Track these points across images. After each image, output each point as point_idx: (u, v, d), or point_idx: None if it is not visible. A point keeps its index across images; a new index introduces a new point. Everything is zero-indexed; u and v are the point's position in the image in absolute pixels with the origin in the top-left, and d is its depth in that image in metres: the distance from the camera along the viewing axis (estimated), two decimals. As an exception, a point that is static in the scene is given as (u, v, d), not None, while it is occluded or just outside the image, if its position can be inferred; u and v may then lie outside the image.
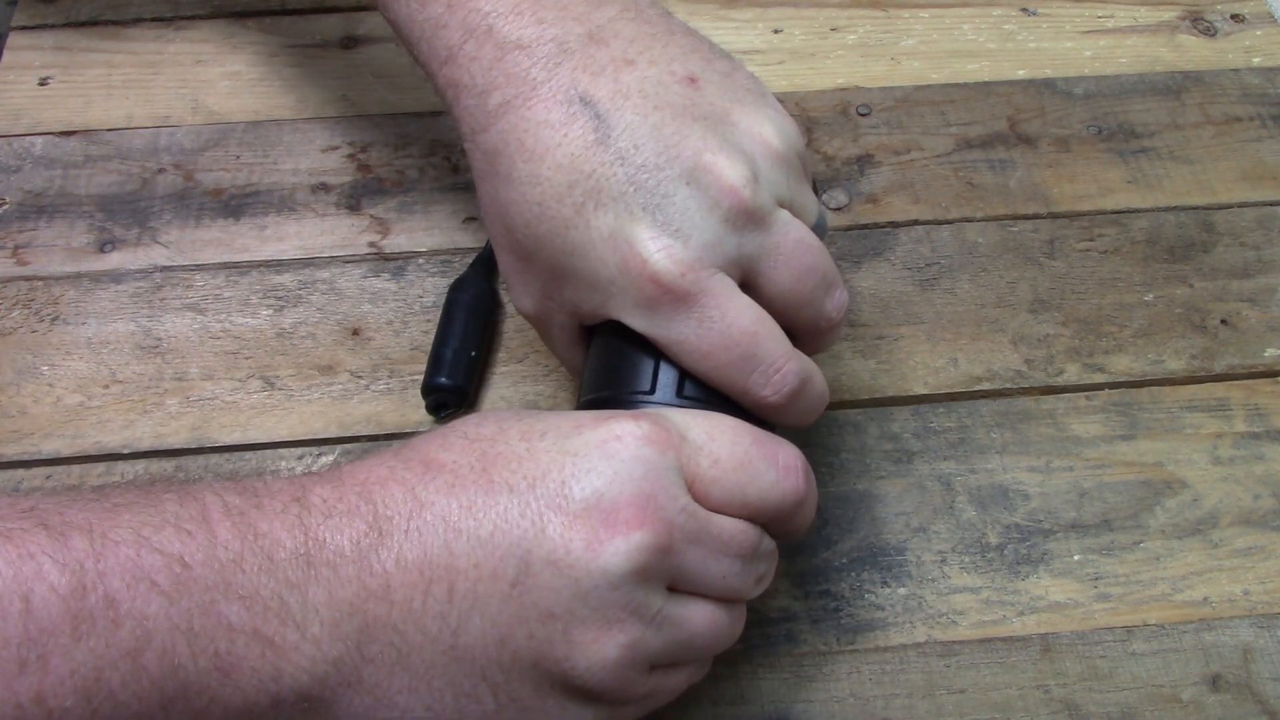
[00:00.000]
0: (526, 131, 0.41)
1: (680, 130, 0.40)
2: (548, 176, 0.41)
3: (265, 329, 0.55)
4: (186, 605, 0.33)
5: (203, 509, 0.35)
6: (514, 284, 0.45)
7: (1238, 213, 0.60)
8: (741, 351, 0.40)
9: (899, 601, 0.48)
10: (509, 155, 0.41)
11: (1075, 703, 0.46)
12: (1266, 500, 0.51)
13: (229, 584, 0.33)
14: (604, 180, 0.40)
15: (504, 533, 0.35)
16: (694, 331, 0.40)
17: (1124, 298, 0.57)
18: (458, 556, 0.35)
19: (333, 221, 0.59)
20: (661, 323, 0.40)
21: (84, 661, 0.31)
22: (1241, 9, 0.69)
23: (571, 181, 0.40)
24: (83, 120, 0.62)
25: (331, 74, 0.65)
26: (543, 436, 0.37)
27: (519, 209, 0.41)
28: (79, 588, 0.32)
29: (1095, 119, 0.64)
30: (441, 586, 0.35)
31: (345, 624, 0.34)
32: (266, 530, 0.34)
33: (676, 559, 0.37)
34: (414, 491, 0.36)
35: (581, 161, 0.40)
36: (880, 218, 0.60)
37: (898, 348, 0.55)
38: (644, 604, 0.36)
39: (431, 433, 0.39)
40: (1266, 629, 0.48)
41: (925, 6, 0.69)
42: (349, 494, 0.36)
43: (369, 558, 0.35)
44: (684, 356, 0.40)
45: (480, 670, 0.36)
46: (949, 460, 0.52)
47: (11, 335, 0.55)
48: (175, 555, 0.33)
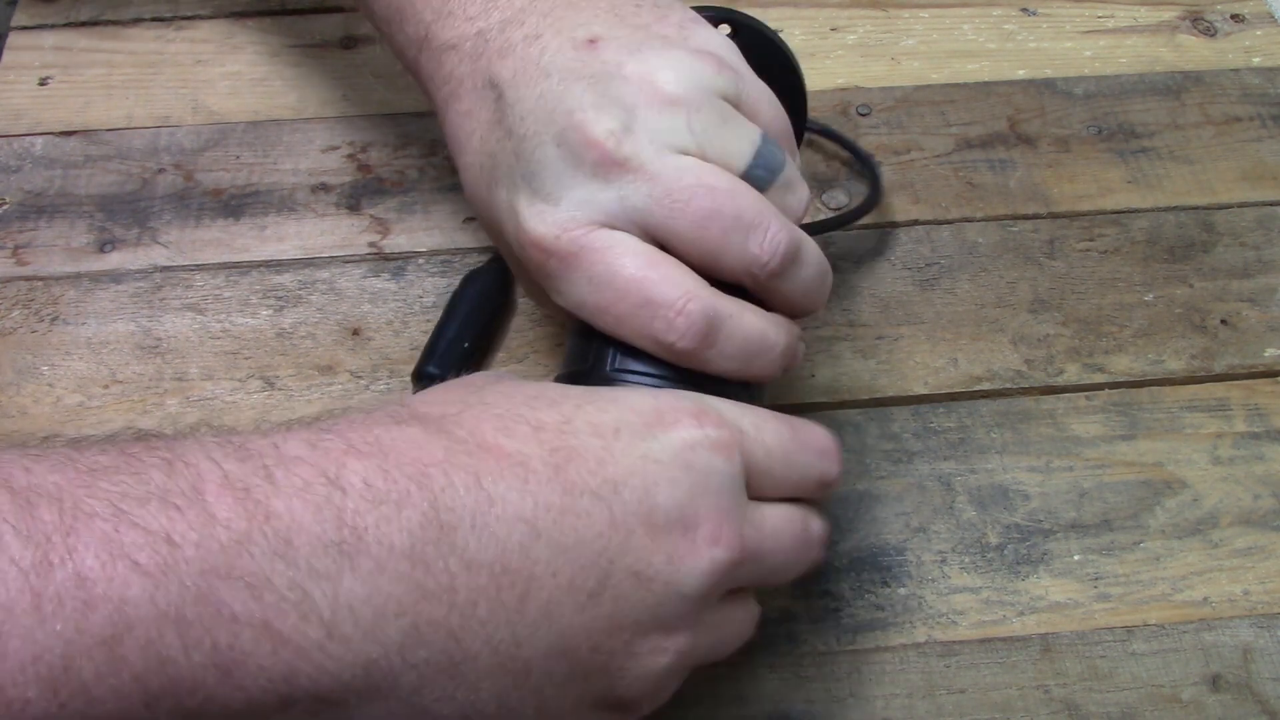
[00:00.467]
0: (457, 126, 0.43)
1: (561, 94, 0.40)
2: (470, 163, 0.43)
3: (265, 329, 0.55)
4: (175, 590, 0.28)
5: (196, 480, 0.30)
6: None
7: (1238, 213, 0.60)
8: (634, 299, 0.38)
9: (899, 601, 0.48)
10: (454, 150, 0.44)
11: (1075, 703, 0.46)
12: (1266, 500, 0.51)
13: (231, 569, 0.29)
14: (500, 158, 0.41)
15: (588, 542, 0.33)
16: (586, 290, 0.39)
17: (1124, 298, 0.57)
18: (536, 562, 0.32)
19: (333, 221, 0.59)
20: (561, 289, 0.40)
21: (49, 647, 0.27)
22: (1241, 9, 0.69)
23: (482, 165, 0.42)
24: (83, 120, 0.62)
25: (331, 74, 0.65)
26: (616, 435, 0.35)
27: (466, 188, 0.44)
28: (44, 563, 0.28)
29: (1095, 119, 0.64)
30: (513, 594, 0.32)
31: (389, 626, 0.30)
32: (283, 510, 0.30)
33: (744, 570, 0.37)
34: (480, 482, 0.32)
35: (487, 144, 0.42)
36: (880, 218, 0.60)
37: (898, 348, 0.55)
38: (703, 613, 0.36)
39: (474, 407, 0.35)
40: (1266, 629, 0.48)
41: (925, 6, 0.69)
42: (399, 477, 0.32)
43: (428, 554, 0.31)
44: (591, 318, 0.40)
45: (534, 683, 0.33)
46: (949, 460, 0.52)
47: (11, 335, 0.55)
48: (160, 532, 0.29)
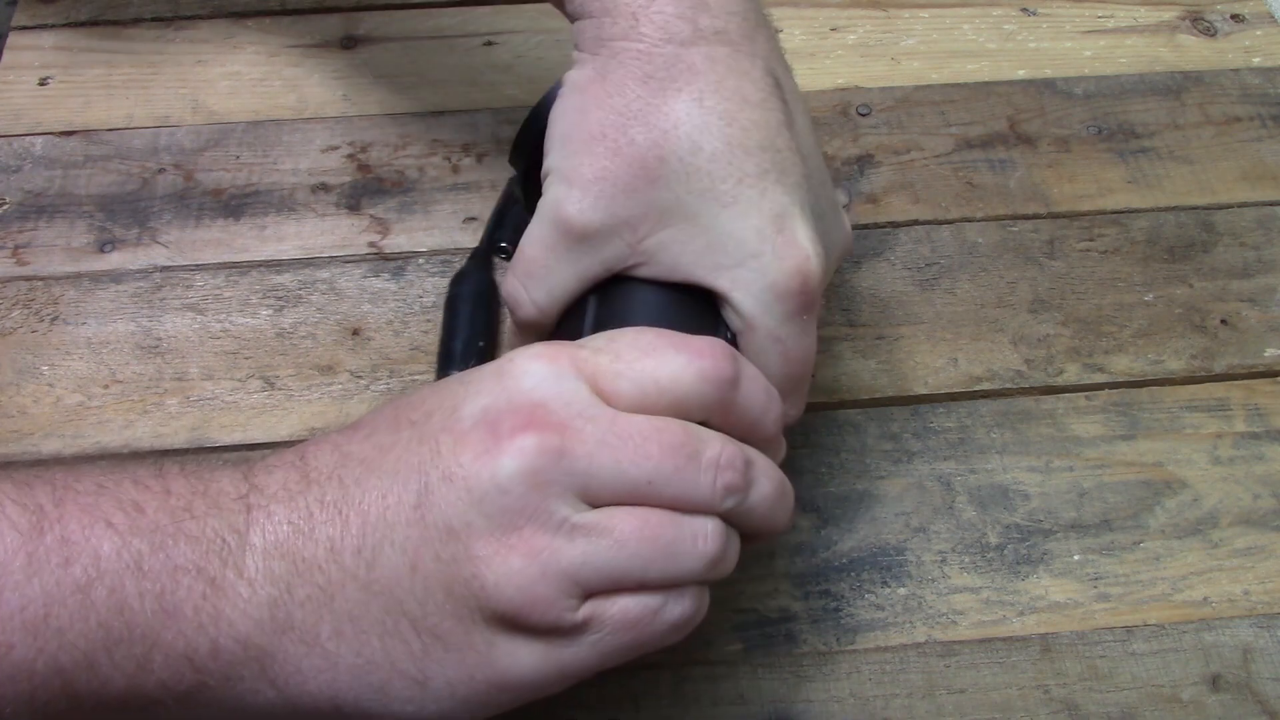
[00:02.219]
0: (731, 72, 0.41)
1: (821, 165, 0.44)
2: (746, 126, 0.41)
3: (265, 329, 0.55)
4: (137, 544, 0.34)
5: (160, 468, 0.36)
6: (600, 191, 0.41)
7: (1238, 213, 0.60)
8: (805, 372, 0.42)
9: (899, 601, 0.48)
10: (710, 81, 0.41)
11: (1075, 703, 0.46)
12: (1266, 500, 0.51)
13: (179, 526, 0.34)
14: (788, 164, 0.41)
15: (404, 461, 0.36)
16: (796, 337, 0.41)
17: (1124, 298, 0.57)
18: (368, 490, 0.36)
19: (333, 221, 0.59)
20: (779, 314, 0.41)
21: (34, 598, 0.32)
22: (1241, 9, 0.69)
23: (764, 145, 0.41)
24: (83, 120, 0.62)
25: (331, 74, 0.65)
26: (449, 380, 0.38)
27: (697, 133, 0.40)
28: (36, 527, 0.33)
29: (1095, 119, 0.64)
30: (356, 519, 0.35)
31: (277, 565, 0.35)
32: (214, 481, 0.36)
33: (579, 462, 0.35)
34: (339, 446, 0.37)
35: (775, 135, 0.41)
36: (880, 218, 0.60)
37: (898, 348, 0.55)
38: (543, 509, 0.34)
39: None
40: (1266, 629, 0.48)
41: (925, 6, 0.69)
42: (287, 454, 0.38)
43: (297, 499, 0.36)
44: (773, 353, 0.41)
45: (399, 604, 0.35)
46: (949, 460, 0.52)
47: (11, 335, 0.55)
48: (131, 501, 0.34)
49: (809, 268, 0.40)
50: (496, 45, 0.67)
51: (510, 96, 0.64)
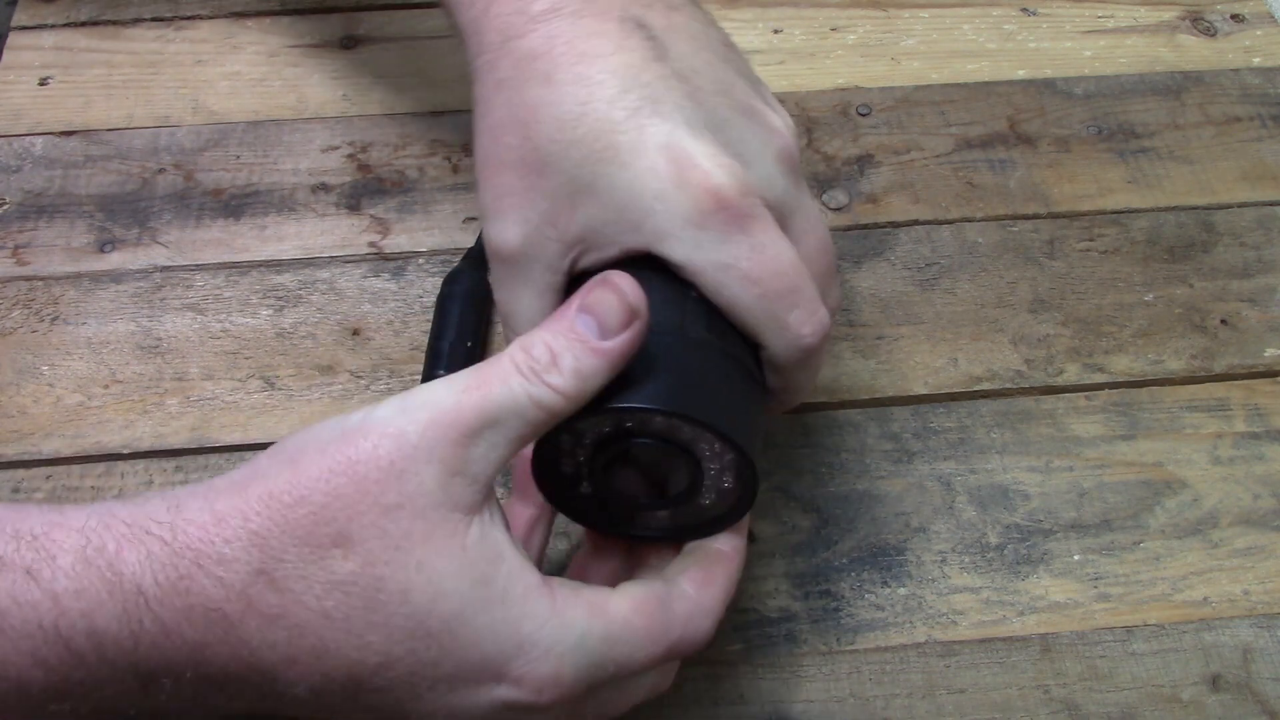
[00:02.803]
0: (577, 36, 0.40)
1: (727, 75, 0.41)
2: (599, 79, 0.39)
3: (265, 329, 0.55)
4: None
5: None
6: (506, 208, 0.41)
7: (1238, 213, 0.60)
8: (790, 283, 0.39)
9: (899, 601, 0.48)
10: (553, 56, 0.40)
11: (1075, 703, 0.46)
12: (1266, 500, 0.51)
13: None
14: (663, 92, 0.39)
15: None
16: (746, 255, 0.38)
17: (1124, 298, 0.57)
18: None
19: (333, 221, 0.59)
20: (710, 243, 0.38)
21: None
22: (1241, 9, 0.69)
23: (626, 87, 0.39)
24: (83, 120, 0.62)
25: (331, 74, 0.65)
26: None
27: (554, 109, 0.39)
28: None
29: (1095, 119, 0.64)
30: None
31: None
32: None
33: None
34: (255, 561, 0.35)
35: (639, 71, 0.39)
36: (880, 218, 0.60)
37: (898, 348, 0.55)
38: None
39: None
40: (1266, 629, 0.48)
41: (925, 6, 0.69)
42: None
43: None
44: (728, 283, 0.38)
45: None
46: (949, 460, 0.52)
47: (11, 335, 0.55)
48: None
49: (715, 182, 0.38)
50: (496, 45, 0.66)
51: (510, 96, 0.64)
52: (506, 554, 0.35)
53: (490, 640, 0.34)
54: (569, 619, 0.35)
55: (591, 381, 0.35)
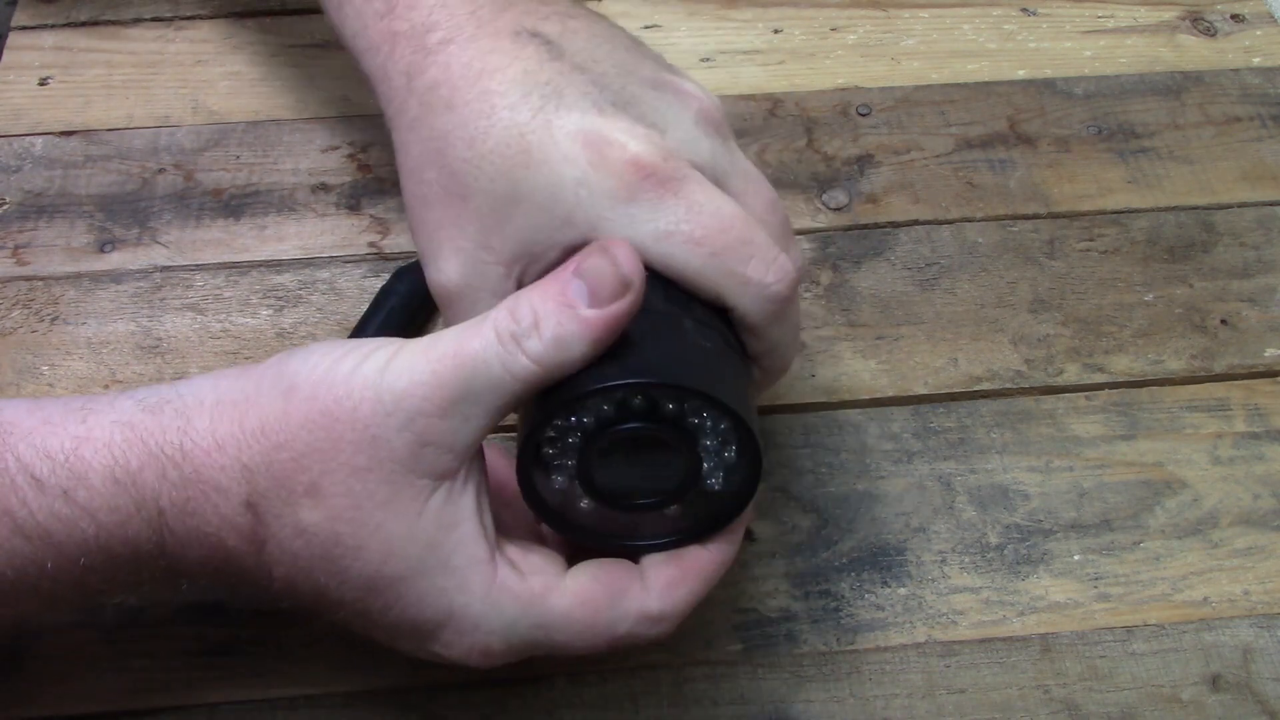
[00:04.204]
0: (474, 58, 0.40)
1: (631, 58, 0.41)
2: (500, 90, 0.39)
3: (265, 329, 0.55)
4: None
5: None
6: (439, 244, 0.40)
7: (1238, 213, 0.60)
8: (738, 235, 0.38)
9: (899, 601, 0.48)
10: (451, 82, 0.40)
11: (1075, 703, 0.46)
12: (1266, 500, 0.51)
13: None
14: (564, 85, 0.39)
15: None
16: (684, 218, 0.37)
17: (1124, 298, 0.57)
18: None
19: (333, 221, 0.59)
20: (644, 215, 0.37)
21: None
22: (1241, 9, 0.69)
23: (526, 90, 0.39)
24: (83, 120, 0.62)
25: (331, 74, 0.65)
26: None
27: (462, 131, 0.39)
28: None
29: (1095, 119, 0.64)
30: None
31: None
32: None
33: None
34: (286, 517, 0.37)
35: (536, 74, 0.39)
36: (880, 218, 0.60)
37: (898, 348, 0.55)
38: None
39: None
40: (1266, 629, 0.48)
41: (925, 6, 0.69)
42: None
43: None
44: (674, 251, 0.38)
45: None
46: (949, 460, 0.52)
47: (11, 335, 0.55)
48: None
49: (633, 151, 0.37)
50: (496, 45, 0.66)
51: (510, 96, 0.64)
52: (463, 523, 0.36)
53: (429, 604, 0.36)
54: (501, 603, 0.36)
55: (571, 351, 0.35)
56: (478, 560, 0.36)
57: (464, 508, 0.36)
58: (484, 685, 0.45)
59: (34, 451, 0.36)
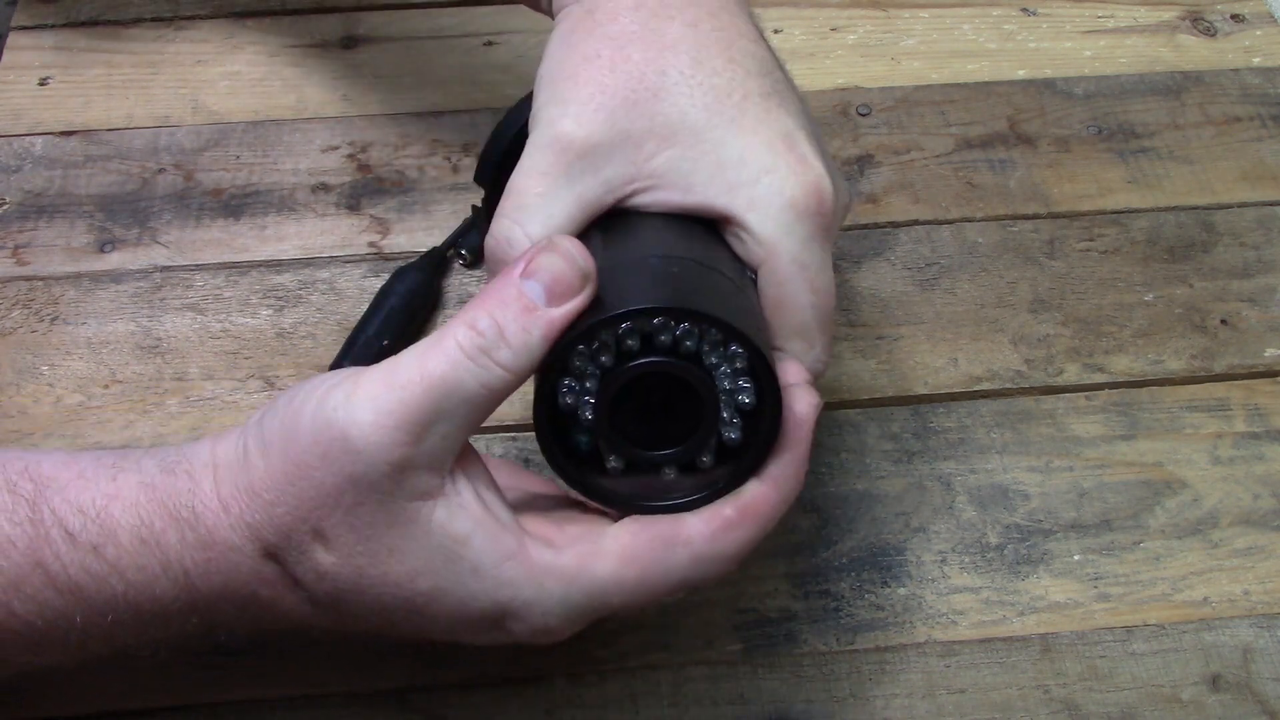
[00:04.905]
0: (720, 8, 0.41)
1: (793, 95, 0.43)
2: (742, 50, 0.40)
3: (265, 329, 0.55)
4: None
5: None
6: (591, 99, 0.38)
7: (1238, 213, 0.60)
8: (831, 311, 0.40)
9: (899, 601, 0.48)
10: (704, 11, 0.40)
11: (1075, 703, 0.46)
12: (1266, 500, 0.51)
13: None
14: (788, 93, 0.41)
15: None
16: (819, 264, 0.39)
17: (1124, 298, 0.57)
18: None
19: (333, 221, 0.59)
20: (801, 236, 0.39)
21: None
22: (1241, 9, 0.69)
23: (764, 71, 0.40)
24: (83, 120, 0.62)
25: (331, 74, 0.65)
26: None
27: (702, 52, 0.39)
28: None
29: (1095, 119, 0.64)
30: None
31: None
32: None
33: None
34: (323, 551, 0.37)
35: (773, 66, 0.41)
36: (880, 218, 0.60)
37: (898, 348, 0.55)
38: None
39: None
40: (1266, 629, 0.48)
41: (925, 6, 0.69)
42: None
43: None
44: (797, 278, 0.39)
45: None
46: (949, 460, 0.52)
47: (11, 335, 0.55)
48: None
49: (825, 186, 0.39)
50: (496, 45, 0.67)
51: (510, 96, 0.63)
52: (474, 530, 0.36)
53: (475, 606, 0.36)
54: (545, 584, 0.36)
55: (539, 351, 0.35)
56: (506, 556, 0.36)
57: (469, 516, 0.36)
58: (484, 685, 0.45)
59: (68, 506, 0.36)
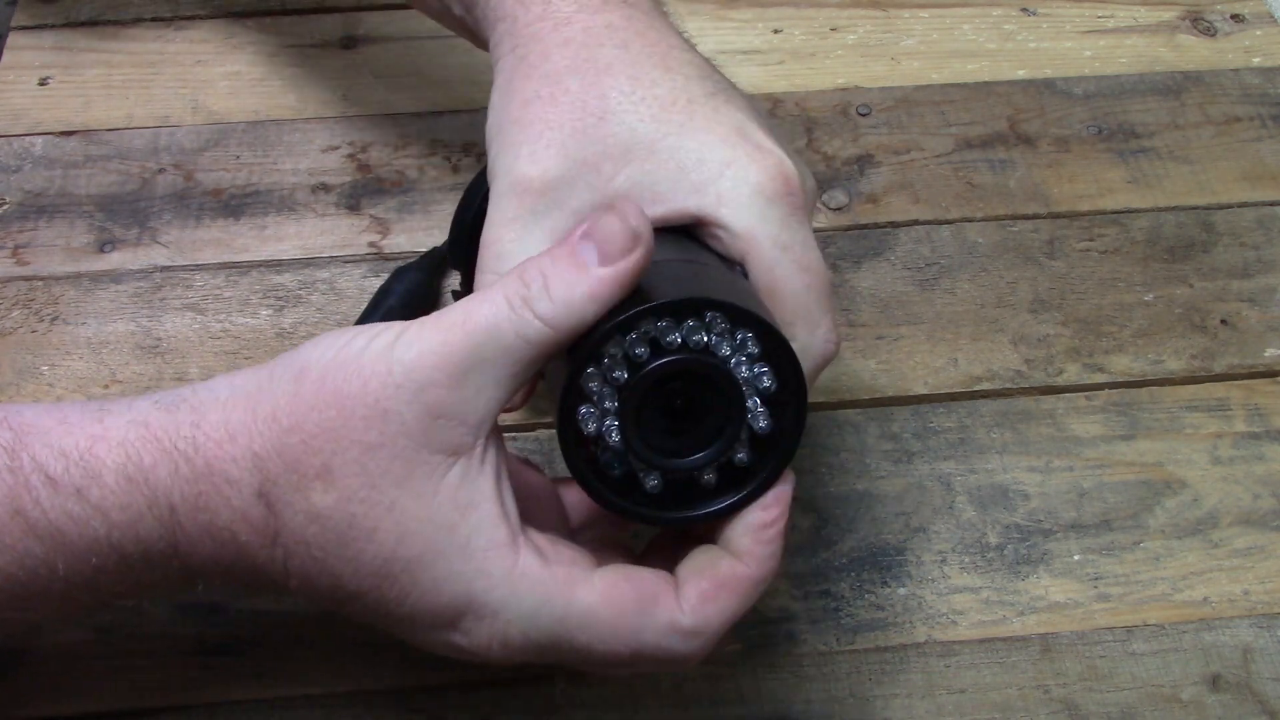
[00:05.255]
0: (649, 26, 0.41)
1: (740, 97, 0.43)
2: (677, 60, 0.41)
3: (265, 329, 0.55)
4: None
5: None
6: (542, 135, 0.39)
7: (1238, 213, 0.60)
8: (828, 286, 0.40)
9: (899, 601, 0.48)
10: (630, 30, 0.41)
11: (1075, 703, 0.46)
12: (1266, 500, 0.51)
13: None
14: (726, 90, 0.41)
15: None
16: (802, 242, 0.39)
17: (1124, 298, 0.57)
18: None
19: (333, 221, 0.59)
20: (775, 220, 0.39)
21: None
22: (1241, 9, 0.69)
23: (703, 75, 0.41)
24: (83, 120, 0.62)
25: (331, 74, 0.65)
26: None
27: (632, 69, 0.40)
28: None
29: (1095, 119, 0.64)
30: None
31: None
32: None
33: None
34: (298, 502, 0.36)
35: (707, 70, 0.41)
36: (880, 218, 0.60)
37: (898, 348, 0.55)
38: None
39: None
40: (1266, 629, 0.48)
41: (925, 6, 0.69)
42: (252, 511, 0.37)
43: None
44: (783, 262, 0.38)
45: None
46: (949, 460, 0.52)
47: (11, 335, 0.55)
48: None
49: (788, 168, 0.39)
50: (496, 45, 0.67)
51: (510, 96, 0.64)
52: (481, 504, 0.35)
53: (446, 590, 0.35)
54: (523, 590, 0.35)
55: (583, 312, 0.35)
56: (498, 543, 0.35)
57: (482, 488, 0.35)
58: (484, 685, 0.45)
59: (49, 451, 0.35)
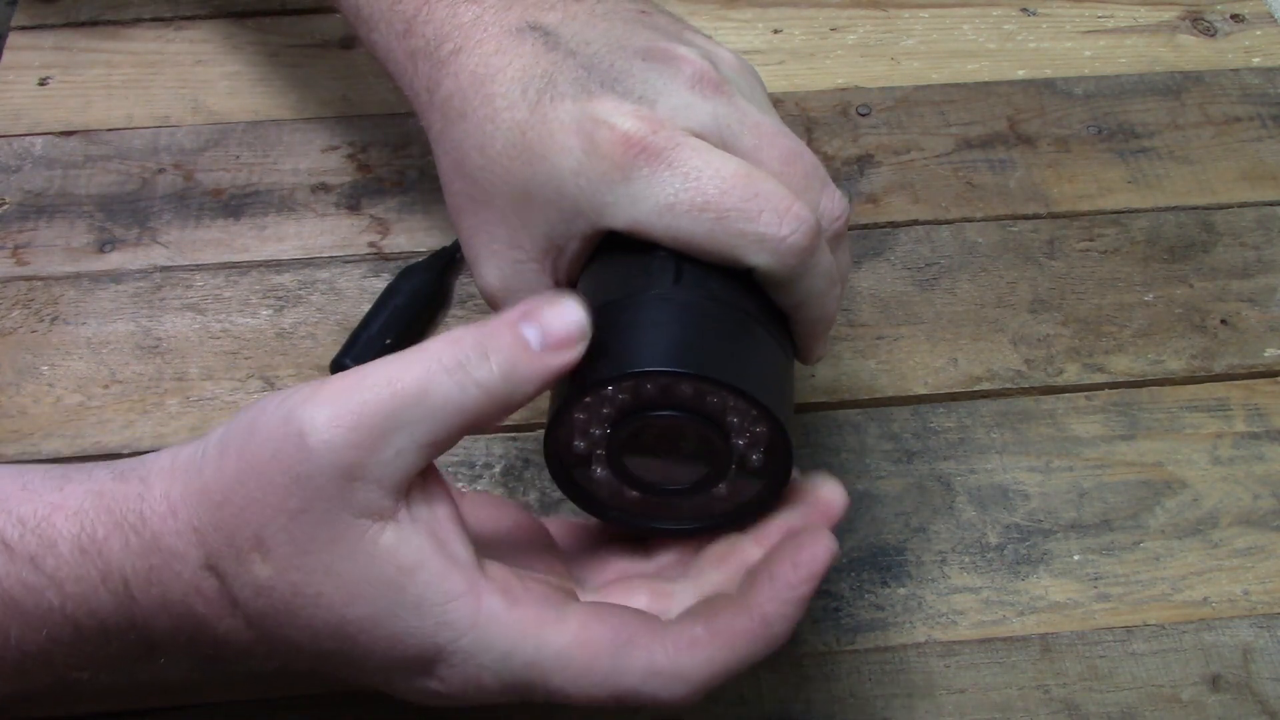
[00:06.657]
0: (479, 63, 0.40)
1: (627, 30, 0.40)
2: (500, 92, 0.39)
3: (265, 329, 0.55)
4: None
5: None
6: (478, 251, 0.41)
7: (1238, 213, 0.60)
8: (741, 193, 0.36)
9: (899, 601, 0.48)
10: (462, 92, 0.40)
11: (1075, 703, 0.46)
12: (1266, 500, 0.51)
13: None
14: (556, 73, 0.39)
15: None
16: (681, 187, 0.36)
17: (1124, 298, 0.57)
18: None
19: (333, 221, 0.59)
20: (643, 192, 0.37)
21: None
22: (1241, 9, 0.69)
23: (524, 86, 0.39)
24: (83, 120, 0.62)
25: (331, 74, 0.65)
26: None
27: (475, 138, 0.39)
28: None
29: (1095, 119, 0.64)
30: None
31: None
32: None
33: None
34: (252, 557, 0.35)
35: (533, 68, 0.39)
36: (880, 218, 0.60)
37: (898, 348, 0.55)
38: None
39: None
40: (1266, 629, 0.48)
41: (925, 6, 0.69)
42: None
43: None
44: (678, 222, 0.37)
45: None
46: (949, 460, 0.52)
47: (11, 335, 0.55)
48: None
49: (621, 130, 0.37)
50: (496, 45, 0.67)
51: (510, 96, 0.64)
52: (426, 562, 0.34)
53: (411, 643, 0.34)
54: (492, 634, 0.34)
55: (521, 387, 0.34)
56: (455, 595, 0.34)
57: (420, 548, 0.34)
58: (484, 685, 0.45)
59: (7, 518, 0.34)
